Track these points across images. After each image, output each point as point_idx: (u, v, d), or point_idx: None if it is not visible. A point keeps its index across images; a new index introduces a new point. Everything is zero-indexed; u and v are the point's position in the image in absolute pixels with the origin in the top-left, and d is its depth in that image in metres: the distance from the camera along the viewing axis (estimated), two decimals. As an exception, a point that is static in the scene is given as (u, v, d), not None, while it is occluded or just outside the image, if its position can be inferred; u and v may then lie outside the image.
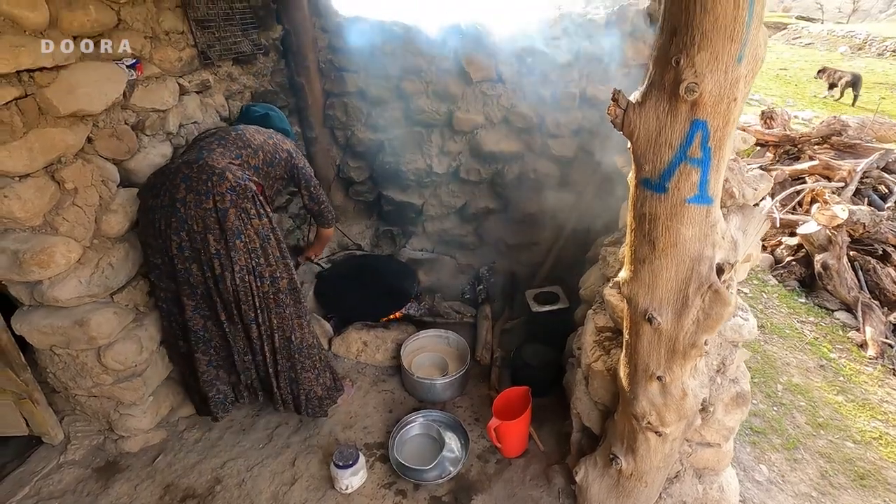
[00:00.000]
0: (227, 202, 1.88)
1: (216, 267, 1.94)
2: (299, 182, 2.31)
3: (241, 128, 2.17)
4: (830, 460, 2.42)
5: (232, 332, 2.10)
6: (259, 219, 1.97)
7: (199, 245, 1.92)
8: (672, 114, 1.05)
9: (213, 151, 1.98)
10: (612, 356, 1.86)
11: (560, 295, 2.82)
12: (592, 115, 2.93)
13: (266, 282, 2.02)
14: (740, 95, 1.00)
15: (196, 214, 1.88)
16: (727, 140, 1.05)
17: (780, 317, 3.44)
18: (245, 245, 1.94)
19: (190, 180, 1.88)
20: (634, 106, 1.10)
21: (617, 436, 1.74)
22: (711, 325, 1.23)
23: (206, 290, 2.00)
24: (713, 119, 1.02)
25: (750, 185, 1.33)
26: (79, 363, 2.06)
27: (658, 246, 1.18)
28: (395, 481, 2.18)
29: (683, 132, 1.05)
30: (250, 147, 2.09)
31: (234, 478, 2.19)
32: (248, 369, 2.22)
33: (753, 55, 0.98)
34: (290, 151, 2.26)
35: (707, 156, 1.06)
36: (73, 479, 2.18)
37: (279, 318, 2.10)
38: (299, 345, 2.19)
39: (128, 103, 2.08)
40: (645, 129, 1.09)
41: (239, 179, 1.92)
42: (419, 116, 3.11)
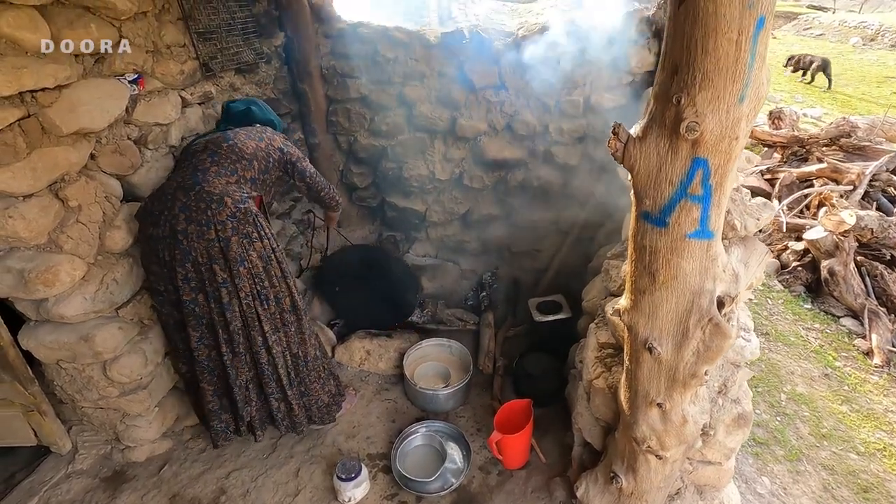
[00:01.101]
0: (228, 231, 1.88)
1: (224, 296, 1.95)
2: (293, 175, 2.28)
3: (231, 136, 2.09)
4: (833, 472, 2.41)
5: (233, 365, 2.08)
6: (261, 241, 1.98)
7: (205, 276, 1.92)
8: (673, 151, 1.04)
9: (208, 172, 1.94)
10: (613, 374, 1.86)
11: (563, 304, 2.81)
12: (597, 122, 2.90)
13: (271, 304, 2.04)
14: (742, 134, 0.99)
15: (199, 246, 1.87)
16: (729, 177, 1.04)
17: (785, 323, 3.42)
18: (248, 271, 1.95)
19: (189, 210, 1.86)
20: (635, 140, 1.09)
21: (618, 454, 1.74)
22: (711, 357, 1.22)
23: (211, 320, 2.01)
24: (714, 157, 1.01)
25: (752, 216, 1.32)
26: (85, 377, 2.09)
27: (658, 278, 1.17)
28: (398, 493, 2.20)
29: (684, 169, 1.04)
30: (244, 159, 2.04)
31: (239, 488, 2.22)
32: (247, 404, 2.19)
33: (756, 94, 0.96)
34: (281, 149, 2.21)
35: (708, 193, 1.05)
36: (80, 488, 2.22)
37: (286, 337, 2.13)
38: (305, 358, 2.22)
39: (130, 118, 2.08)
40: (645, 165, 1.08)
41: (238, 203, 1.91)
42: (422, 123, 3.10)
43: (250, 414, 2.22)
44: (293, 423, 2.28)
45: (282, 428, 2.26)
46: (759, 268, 1.34)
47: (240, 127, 2.24)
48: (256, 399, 2.20)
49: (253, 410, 2.22)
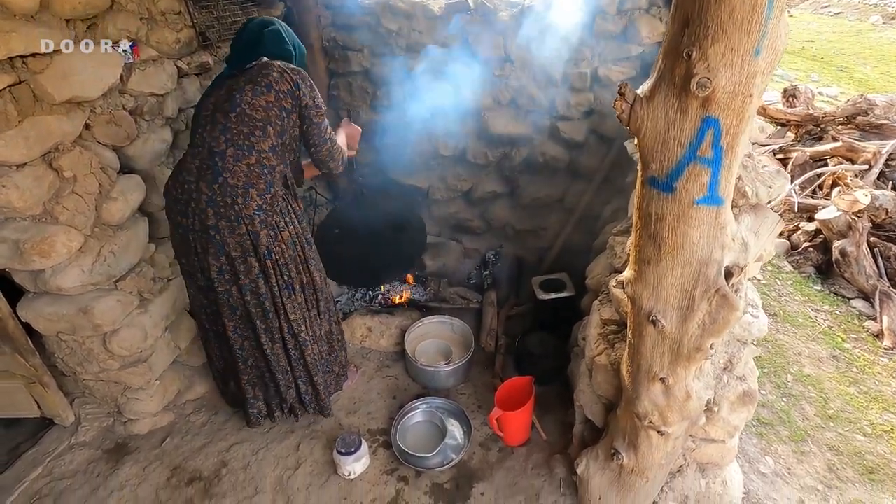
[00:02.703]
0: (257, 224, 1.83)
1: (261, 287, 1.93)
2: (304, 129, 1.91)
3: (238, 98, 1.79)
4: (839, 453, 2.38)
5: (274, 352, 2.08)
6: (287, 228, 1.93)
7: (239, 269, 1.89)
8: (682, 110, 0.98)
9: (226, 157, 1.78)
10: (616, 350, 1.83)
11: (567, 282, 2.77)
12: (605, 96, 2.82)
13: (297, 293, 2.02)
14: (756, 91, 0.93)
15: (232, 241, 1.84)
16: (741, 138, 0.98)
17: (793, 305, 3.36)
18: (275, 262, 1.92)
19: (216, 205, 1.79)
20: (642, 100, 1.03)
21: (619, 431, 1.72)
22: (718, 330, 1.18)
23: (246, 311, 1.98)
24: (726, 116, 0.95)
25: (764, 184, 1.26)
26: (85, 349, 2.09)
27: (664, 247, 1.12)
28: (398, 468, 2.20)
29: (694, 130, 0.98)
30: (256, 129, 1.79)
31: (240, 461, 2.23)
32: (288, 387, 2.20)
33: (773, 47, 0.90)
34: (293, 95, 1.83)
35: (718, 155, 0.99)
36: (83, 459, 2.24)
37: (311, 323, 2.12)
38: (328, 338, 2.27)
39: (125, 88, 2.04)
40: (652, 126, 1.03)
41: (264, 193, 1.83)
42: (426, 97, 3.02)
43: (292, 397, 2.23)
44: (320, 406, 2.29)
45: (310, 409, 2.28)
46: (770, 237, 1.28)
47: (246, 61, 1.89)
48: (273, 386, 2.21)
49: (294, 393, 2.23)
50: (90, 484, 2.14)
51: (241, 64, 1.89)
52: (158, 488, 2.13)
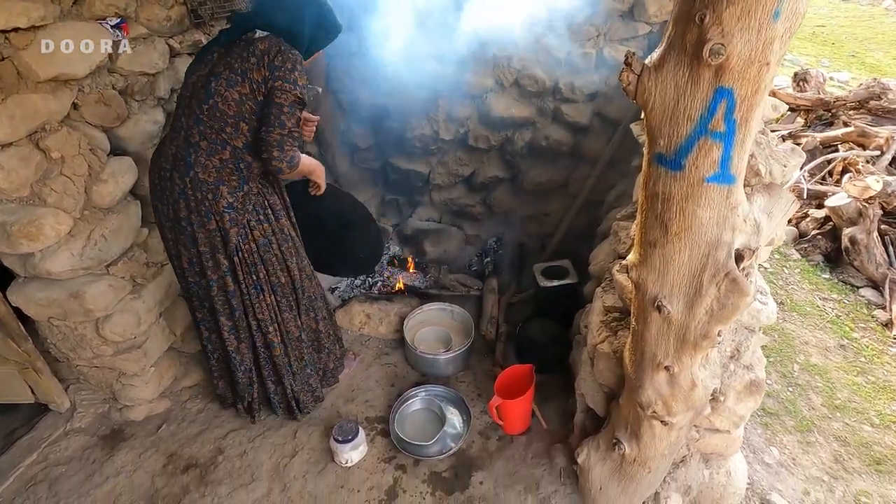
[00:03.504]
0: (226, 222, 1.78)
1: (229, 284, 1.89)
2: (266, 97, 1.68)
3: (213, 87, 1.68)
4: (845, 444, 2.34)
5: (238, 350, 2.05)
6: (261, 227, 1.86)
7: (207, 264, 1.85)
8: (693, 80, 0.91)
9: (199, 150, 1.71)
10: (619, 338, 1.78)
11: (569, 269, 2.71)
12: (610, 77, 2.74)
13: (266, 294, 1.96)
14: (774, 59, 0.86)
15: (202, 236, 1.80)
16: (756, 111, 0.92)
17: (801, 293, 3.29)
18: (242, 260, 1.86)
19: (187, 198, 1.74)
20: (650, 71, 0.96)
21: (621, 420, 1.67)
22: (726, 316, 1.12)
23: (212, 306, 1.95)
24: (741, 86, 0.88)
25: (779, 162, 1.19)
26: (77, 335, 2.05)
27: (671, 229, 1.06)
28: (396, 456, 2.17)
29: (705, 102, 0.92)
30: (228, 125, 1.69)
31: (236, 448, 2.20)
32: (249, 386, 2.17)
33: (793, 10, 0.83)
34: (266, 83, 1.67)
35: (731, 129, 0.92)
36: (79, 446, 2.22)
37: (283, 325, 2.06)
38: (312, 334, 2.21)
39: (114, 66, 1.97)
40: (661, 98, 0.96)
41: (236, 191, 1.77)
42: (427, 79, 2.93)
43: (251, 396, 2.20)
44: (288, 408, 2.24)
45: (278, 411, 2.23)
46: (784, 218, 1.22)
47: (240, 29, 1.76)
48: (258, 383, 2.17)
49: (255, 393, 2.19)
50: (85, 470, 2.12)
51: (237, 32, 1.76)
52: (154, 475, 2.11)
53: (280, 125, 1.67)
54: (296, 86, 1.67)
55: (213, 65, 1.73)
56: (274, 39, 1.73)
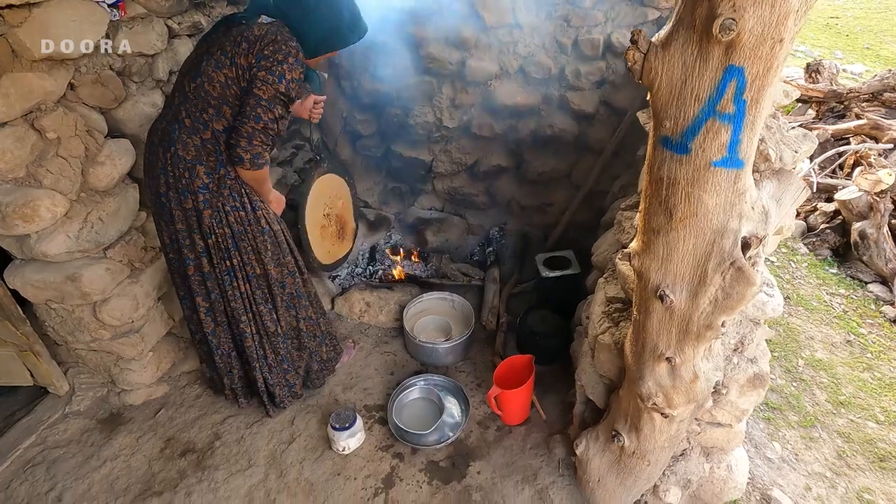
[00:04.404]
0: (200, 202, 1.75)
1: (204, 265, 1.87)
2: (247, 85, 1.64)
3: (203, 65, 1.66)
4: (849, 440, 2.30)
5: (215, 334, 2.03)
6: (236, 213, 1.81)
7: (184, 242, 1.83)
8: (702, 58, 0.87)
9: (183, 126, 1.70)
10: (620, 329, 1.74)
11: (572, 260, 2.68)
12: (617, 65, 2.68)
13: (240, 281, 1.92)
14: (788, 36, 0.82)
15: (179, 214, 1.78)
16: (767, 91, 0.88)
17: (808, 288, 3.24)
18: (216, 244, 1.83)
19: (167, 174, 1.74)
20: (657, 49, 0.92)
21: (621, 412, 1.65)
22: (731, 306, 1.09)
23: (189, 287, 1.94)
24: (752, 65, 0.84)
25: (790, 147, 1.15)
26: (75, 318, 2.04)
27: (676, 215, 1.03)
28: (393, 444, 2.16)
29: (714, 81, 0.87)
30: (211, 107, 1.67)
31: (233, 434, 2.20)
32: (229, 372, 2.15)
33: (810, -17, 0.79)
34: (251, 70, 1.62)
35: (741, 110, 0.88)
36: (77, 429, 2.22)
37: (259, 316, 2.01)
38: (294, 332, 2.16)
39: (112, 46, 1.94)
40: (668, 78, 0.92)
41: (212, 172, 1.74)
42: (429, 65, 2.90)
43: (233, 382, 2.18)
44: (271, 396, 2.21)
45: (265, 397, 2.19)
46: (794, 206, 1.18)
47: (251, 11, 1.74)
48: (239, 368, 2.15)
49: (235, 378, 2.17)
50: (83, 453, 2.12)
51: (249, 13, 1.75)
52: (151, 459, 2.11)
53: (255, 118, 1.62)
54: (280, 80, 1.61)
55: (211, 44, 1.71)
56: (275, 27, 1.69)
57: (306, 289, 2.14)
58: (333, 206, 2.83)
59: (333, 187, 2.81)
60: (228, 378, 2.17)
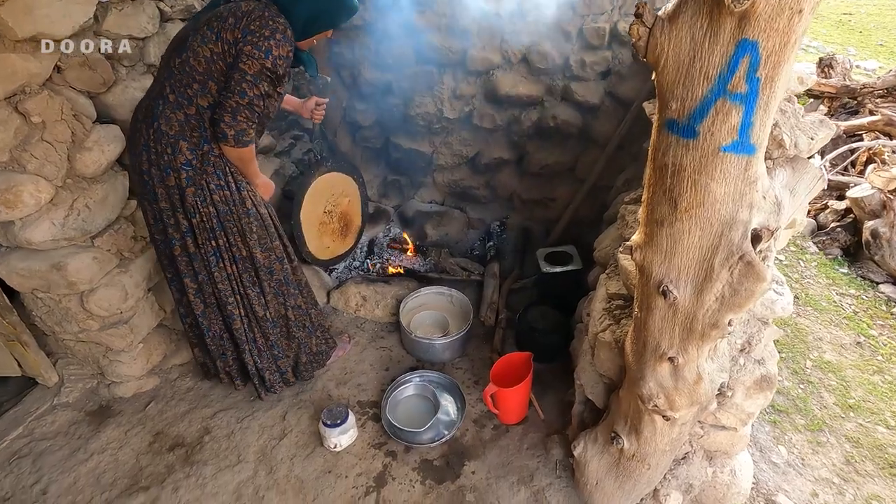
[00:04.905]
0: (183, 179, 1.70)
1: (189, 245, 1.82)
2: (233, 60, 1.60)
3: (190, 39, 1.63)
4: (858, 445, 2.23)
5: (206, 315, 1.98)
6: (220, 192, 1.76)
7: (168, 222, 1.79)
8: (712, 32, 0.80)
9: (167, 102, 1.67)
10: (621, 326, 1.67)
11: (574, 255, 2.61)
12: (623, 54, 2.60)
13: (226, 263, 1.87)
14: (808, 6, 0.75)
15: (162, 191, 1.73)
16: (783, 69, 0.80)
17: (817, 288, 3.16)
18: (200, 224, 1.78)
19: (150, 150, 1.69)
20: (663, 23, 0.85)
21: (621, 413, 1.58)
22: (739, 304, 1.02)
23: (176, 268, 1.89)
24: (767, 39, 0.77)
25: (805, 133, 1.07)
26: (62, 308, 2.00)
27: (681, 205, 0.96)
28: (387, 442, 2.10)
29: (725, 57, 0.80)
30: (196, 82, 1.64)
31: (224, 429, 2.15)
32: (222, 354, 2.11)
33: (833, -53, 0.71)
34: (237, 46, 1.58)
35: (754, 90, 0.81)
36: (65, 421, 2.18)
37: (247, 299, 1.96)
38: (282, 320, 2.10)
39: (100, 29, 1.89)
40: (675, 54, 0.85)
41: (196, 149, 1.69)
42: (430, 54, 2.83)
43: (227, 364, 2.13)
44: (262, 380, 2.16)
45: (255, 380, 2.15)
46: (808, 197, 1.10)
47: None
48: (232, 350, 2.10)
49: (230, 360, 2.13)
50: (70, 446, 2.08)
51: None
52: (139, 453, 2.07)
53: (240, 93, 1.59)
54: (267, 55, 1.58)
55: (198, 21, 1.67)
56: (262, 4, 1.65)
57: (296, 277, 2.08)
58: (338, 203, 2.84)
59: (339, 185, 2.82)
60: (222, 360, 2.13)
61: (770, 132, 0.93)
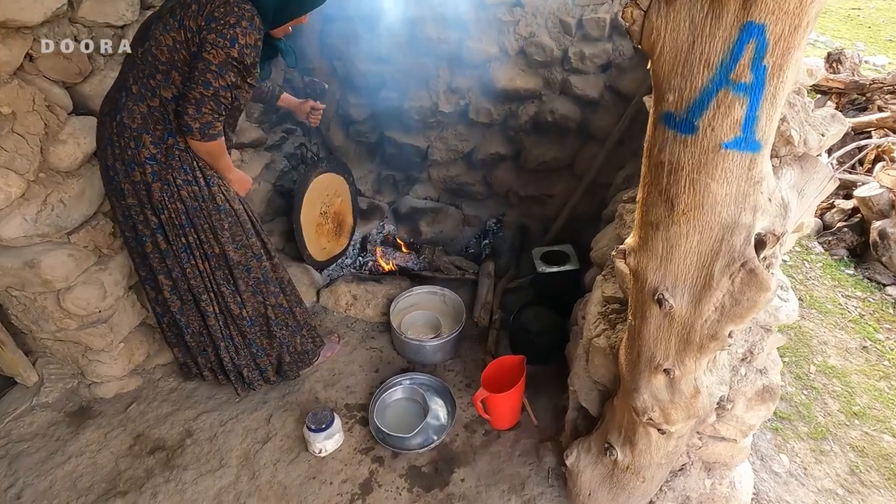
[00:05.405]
0: (148, 174, 1.63)
1: (160, 242, 1.75)
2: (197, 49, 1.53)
3: (152, 30, 1.57)
4: (863, 454, 2.15)
5: (183, 312, 1.92)
6: (189, 187, 1.68)
7: (138, 218, 1.72)
8: (714, 14, 0.71)
9: (130, 93, 1.60)
10: (617, 332, 1.60)
11: (571, 255, 2.52)
12: (624, 46, 2.51)
13: (197, 259, 1.80)
14: (822, -16, 0.66)
15: (128, 187, 1.66)
16: (793, 57, 0.72)
17: (822, 289, 3.06)
18: (169, 220, 1.71)
19: (114, 145, 1.62)
20: (660, 5, 0.77)
21: (615, 423, 1.50)
22: (740, 314, 0.94)
23: (150, 265, 1.82)
24: (776, 21, 0.68)
25: (816, 129, 0.98)
26: (38, 306, 1.93)
27: (678, 207, 0.88)
28: (374, 447, 2.03)
29: (728, 42, 0.72)
30: (158, 72, 1.56)
31: (206, 432, 2.08)
32: (205, 350, 2.04)
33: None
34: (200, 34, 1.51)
35: (760, 79, 0.73)
36: (44, 422, 2.12)
37: (220, 297, 1.90)
38: (262, 319, 2.02)
39: (75, 16, 1.81)
40: (672, 40, 0.76)
41: (160, 142, 1.62)
42: (426, 45, 2.74)
43: (209, 360, 2.07)
44: (240, 376, 2.10)
45: (233, 377, 2.08)
46: (818, 199, 1.01)
47: None
48: (213, 347, 2.03)
49: (211, 356, 2.06)
50: (48, 448, 2.02)
51: None
52: (119, 456, 2.00)
53: (204, 84, 1.51)
54: (233, 44, 1.49)
55: (164, 8, 1.60)
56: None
57: (276, 274, 2.00)
58: (331, 203, 2.81)
59: (332, 186, 2.79)
60: (203, 357, 2.07)
61: (777, 127, 0.85)
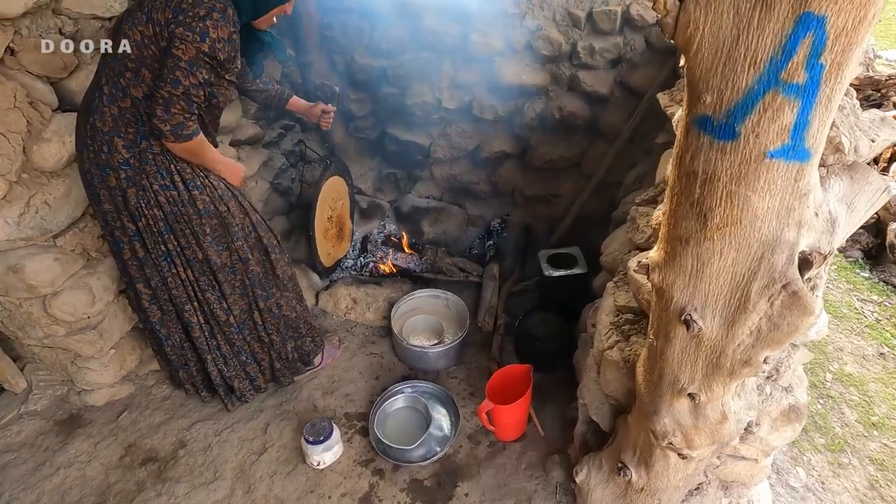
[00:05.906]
0: (122, 180, 1.55)
1: (139, 250, 1.67)
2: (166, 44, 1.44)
3: (123, 27, 1.49)
4: (883, 468, 2.06)
5: (163, 322, 1.85)
6: (165, 193, 1.60)
7: (115, 224, 1.64)
8: (764, 4, 0.62)
9: (103, 94, 1.53)
10: (631, 344, 1.51)
11: (579, 258, 2.43)
12: (636, 40, 2.40)
13: (179, 267, 1.72)
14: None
15: (104, 192, 1.59)
16: (854, 54, 0.62)
17: (836, 293, 2.97)
18: (147, 227, 1.63)
19: (88, 149, 1.55)
20: (699, -6, 0.67)
21: (629, 442, 1.42)
22: (779, 340, 0.85)
23: (129, 274, 1.75)
24: (838, 13, 0.59)
25: (866, 135, 0.88)
26: (24, 312, 1.85)
27: (712, 221, 0.78)
28: (374, 459, 1.96)
29: (780, 37, 0.62)
30: (128, 70, 1.49)
31: (200, 442, 2.01)
32: (186, 363, 1.97)
33: None
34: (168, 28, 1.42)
35: (815, 80, 0.63)
36: (33, 431, 2.04)
37: (205, 304, 1.82)
38: (251, 325, 1.95)
39: (59, 7, 1.71)
40: (712, 34, 0.67)
41: (132, 146, 1.54)
42: (429, 39, 2.63)
43: (191, 375, 2.00)
44: (230, 389, 2.02)
45: (222, 391, 2.00)
46: (868, 213, 0.92)
47: None
48: (195, 360, 1.96)
49: (193, 371, 1.99)
50: (35, 459, 1.95)
51: None
52: (109, 468, 1.93)
53: (173, 82, 1.42)
54: (203, 38, 1.40)
55: (135, 3, 1.52)
56: None
57: (270, 277, 1.92)
58: (335, 208, 2.76)
59: (336, 189, 2.74)
60: (185, 371, 1.99)
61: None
